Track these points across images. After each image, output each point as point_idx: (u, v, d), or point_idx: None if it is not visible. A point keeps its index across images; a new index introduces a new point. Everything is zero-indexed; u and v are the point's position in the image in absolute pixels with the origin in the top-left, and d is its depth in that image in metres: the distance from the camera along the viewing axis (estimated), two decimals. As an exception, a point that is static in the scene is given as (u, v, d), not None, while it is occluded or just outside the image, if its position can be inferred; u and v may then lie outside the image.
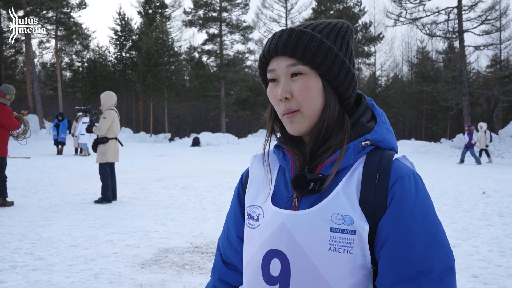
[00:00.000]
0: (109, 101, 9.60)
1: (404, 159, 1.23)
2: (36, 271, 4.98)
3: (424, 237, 1.12)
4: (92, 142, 9.62)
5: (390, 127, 1.30)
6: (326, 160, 1.22)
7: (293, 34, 1.21)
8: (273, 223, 1.23)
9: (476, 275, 5.08)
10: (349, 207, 1.16)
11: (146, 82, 42.57)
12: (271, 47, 1.23)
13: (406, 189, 1.15)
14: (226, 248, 1.43)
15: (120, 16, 51.83)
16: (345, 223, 1.14)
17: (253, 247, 1.28)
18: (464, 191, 11.61)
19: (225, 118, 47.27)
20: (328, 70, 1.20)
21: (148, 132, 46.01)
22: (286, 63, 1.21)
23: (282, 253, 1.20)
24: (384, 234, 1.14)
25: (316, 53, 1.19)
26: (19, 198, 9.55)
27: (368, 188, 1.17)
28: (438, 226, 1.15)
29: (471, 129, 22.08)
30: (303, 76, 1.20)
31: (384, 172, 1.18)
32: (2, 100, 8.82)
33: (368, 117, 1.29)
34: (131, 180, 12.98)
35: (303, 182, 1.19)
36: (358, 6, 47.33)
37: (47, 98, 49.98)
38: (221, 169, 16.74)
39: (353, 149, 1.21)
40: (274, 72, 1.23)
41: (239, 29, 48.39)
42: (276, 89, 1.24)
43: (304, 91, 1.20)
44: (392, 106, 46.23)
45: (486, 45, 37.34)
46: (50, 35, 43.36)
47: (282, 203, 1.26)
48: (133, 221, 7.68)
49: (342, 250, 1.14)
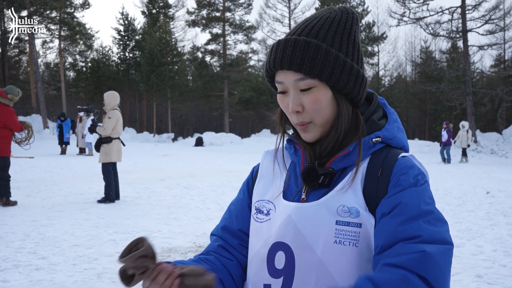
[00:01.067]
0: (113, 101, 9.60)
1: (412, 157, 1.22)
2: (39, 271, 4.98)
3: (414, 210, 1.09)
4: (95, 142, 9.61)
5: (401, 126, 1.30)
6: (337, 155, 1.22)
7: (298, 46, 1.17)
8: (281, 216, 1.23)
9: (481, 275, 5.06)
10: (354, 200, 1.16)
11: (150, 82, 42.61)
12: (276, 61, 1.20)
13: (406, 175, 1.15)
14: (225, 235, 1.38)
15: (123, 16, 51.91)
16: (351, 216, 1.14)
17: (259, 241, 1.27)
18: (468, 191, 11.58)
19: (228, 118, 47.25)
20: (338, 81, 1.18)
21: (151, 132, 46.08)
22: (293, 78, 1.19)
23: (287, 245, 1.20)
24: (378, 214, 1.13)
25: (324, 66, 1.17)
26: (23, 198, 9.56)
27: (371, 182, 1.17)
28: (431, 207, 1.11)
29: (449, 126, 22.04)
30: (313, 90, 1.19)
31: (388, 167, 1.18)
32: (4, 100, 8.82)
33: (379, 115, 1.29)
34: (134, 179, 12.98)
35: (313, 175, 1.19)
36: (361, 6, 47.27)
37: (51, 98, 50.09)
38: (224, 169, 16.75)
39: (364, 145, 1.21)
40: (283, 85, 1.22)
41: (242, 29, 48.37)
42: (286, 99, 1.23)
43: (315, 105, 1.19)
44: (396, 106, 46.15)
45: (490, 45, 37.26)
46: (53, 35, 43.50)
47: (291, 197, 1.26)
48: (136, 221, 7.68)
49: (347, 243, 1.14)
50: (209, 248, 1.37)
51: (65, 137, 23.06)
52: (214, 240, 1.40)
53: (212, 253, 1.35)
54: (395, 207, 1.10)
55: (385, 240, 1.08)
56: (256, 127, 52.03)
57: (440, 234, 1.07)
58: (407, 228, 1.06)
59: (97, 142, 9.52)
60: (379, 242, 1.09)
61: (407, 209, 1.09)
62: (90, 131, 9.77)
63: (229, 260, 1.33)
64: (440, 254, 1.04)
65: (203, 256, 1.33)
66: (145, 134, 40.58)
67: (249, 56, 51.56)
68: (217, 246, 1.36)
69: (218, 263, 1.31)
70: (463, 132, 22.52)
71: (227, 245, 1.36)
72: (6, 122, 8.75)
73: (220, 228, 1.39)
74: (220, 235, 1.38)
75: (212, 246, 1.37)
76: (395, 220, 1.08)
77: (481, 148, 30.01)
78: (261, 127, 47.72)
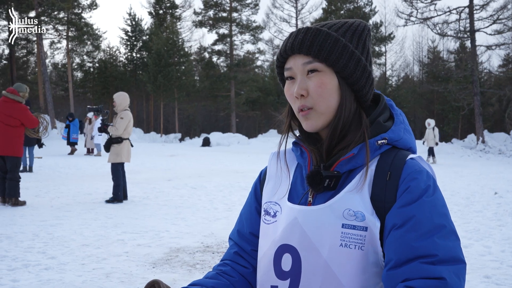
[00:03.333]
0: (124, 102, 9.64)
1: (420, 159, 1.22)
2: (48, 270, 5.01)
3: (429, 225, 1.10)
4: (105, 142, 9.62)
5: (408, 128, 1.30)
6: (342, 158, 1.22)
7: (309, 32, 1.22)
8: (286, 218, 1.24)
9: (489, 275, 5.05)
10: (361, 204, 1.16)
11: (157, 82, 42.68)
12: (287, 46, 1.24)
13: (417, 182, 1.14)
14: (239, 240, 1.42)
15: (130, 16, 52.00)
16: (356, 219, 1.15)
17: (267, 242, 1.29)
18: (476, 191, 11.54)
19: (235, 118, 47.27)
20: (344, 67, 1.20)
21: (158, 132, 46.15)
22: (302, 61, 1.22)
23: (293, 248, 1.21)
24: (389, 223, 1.14)
25: (332, 51, 1.19)
26: (31, 198, 9.61)
27: (379, 186, 1.17)
28: (445, 220, 1.13)
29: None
30: (319, 73, 1.21)
31: (396, 171, 1.18)
32: (18, 98, 8.87)
33: (386, 117, 1.29)
34: (142, 180, 13.03)
35: (318, 178, 1.20)
36: (368, 6, 47.17)
37: (59, 99, 50.26)
38: (231, 169, 16.77)
39: (369, 147, 1.21)
40: (291, 70, 1.24)
41: (249, 29, 48.35)
42: (292, 87, 1.25)
43: (319, 88, 1.20)
44: (403, 106, 45.99)
45: (498, 45, 37.03)
46: (61, 35, 43.61)
47: (298, 200, 1.27)
48: (144, 221, 7.71)
49: (353, 247, 1.14)
50: (226, 256, 1.42)
51: (72, 137, 23.10)
52: (230, 246, 1.44)
53: (228, 262, 1.39)
54: (408, 220, 1.11)
55: (400, 256, 1.09)
56: (263, 127, 52.02)
57: (455, 251, 1.09)
58: (423, 245, 1.08)
59: (107, 142, 9.55)
60: (393, 257, 1.10)
61: (422, 224, 1.10)
62: (99, 131, 9.79)
63: (245, 269, 1.37)
64: (457, 277, 1.07)
65: (220, 269, 1.38)
66: (152, 134, 40.69)
67: (256, 56, 51.58)
68: (233, 254, 1.41)
69: (235, 273, 1.36)
70: (429, 130, 21.56)
71: (242, 251, 1.40)
72: (22, 119, 8.81)
73: (236, 232, 1.44)
74: (235, 240, 1.43)
75: (228, 254, 1.42)
76: (410, 235, 1.09)
77: (489, 149, 29.88)
78: (268, 127, 47.67)
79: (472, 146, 31.50)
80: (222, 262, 1.41)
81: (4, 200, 8.82)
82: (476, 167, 19.58)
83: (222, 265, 1.39)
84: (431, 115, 51.81)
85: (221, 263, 1.40)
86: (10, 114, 8.75)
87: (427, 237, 1.08)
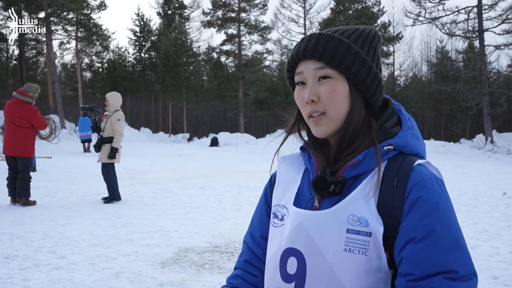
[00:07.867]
0: (118, 102, 9.61)
1: (428, 164, 1.23)
2: (58, 270, 5.07)
3: (449, 240, 1.11)
4: (96, 142, 9.52)
5: (417, 133, 1.30)
6: (348, 163, 1.23)
7: (322, 38, 1.23)
8: (292, 222, 1.26)
9: (497, 276, 5.05)
10: (366, 209, 1.17)
11: (165, 82, 42.77)
12: (299, 51, 1.25)
13: (429, 191, 1.15)
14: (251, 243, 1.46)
15: (139, 17, 52.17)
16: (361, 225, 1.16)
17: (274, 245, 1.31)
18: (484, 192, 11.50)
19: (243, 118, 47.29)
20: (356, 74, 1.21)
21: (167, 132, 46.27)
22: (314, 66, 1.23)
23: (299, 251, 1.23)
24: (406, 235, 1.14)
25: (344, 57, 1.21)
26: (41, 198, 9.69)
27: (386, 192, 1.18)
28: (460, 233, 1.15)
29: None
30: (331, 80, 1.22)
31: (403, 177, 1.18)
32: (27, 99, 8.93)
33: (393, 122, 1.29)
34: (150, 180, 13.08)
35: (323, 184, 1.21)
36: (377, 6, 47.01)
37: (68, 99, 50.47)
38: (240, 169, 16.79)
39: (375, 153, 1.21)
40: (302, 75, 1.25)
41: (258, 29, 48.36)
42: (303, 92, 1.26)
43: (331, 94, 1.21)
44: (411, 106, 45.86)
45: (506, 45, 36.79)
46: (70, 36, 43.77)
47: (304, 203, 1.29)
48: (153, 221, 7.76)
49: (357, 252, 1.15)
50: (237, 264, 1.48)
51: (81, 135, 23.04)
52: (242, 251, 1.49)
53: (239, 273, 1.45)
54: (429, 234, 1.12)
55: (422, 271, 1.10)
56: (271, 127, 52.03)
57: (470, 265, 1.12)
58: (444, 261, 1.10)
59: (98, 142, 9.48)
60: (414, 271, 1.11)
61: (442, 239, 1.11)
62: (92, 130, 9.65)
63: (255, 277, 1.42)
64: None
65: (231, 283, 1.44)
66: (161, 135, 40.79)
67: (264, 56, 51.52)
68: (243, 262, 1.46)
69: (246, 285, 1.42)
70: None
71: (252, 257, 1.44)
72: (32, 120, 8.87)
73: (249, 234, 1.48)
74: (248, 243, 1.47)
75: (239, 262, 1.48)
76: (432, 250, 1.11)
77: (498, 149, 29.72)
78: (276, 127, 47.65)
79: (480, 146, 31.34)
80: (233, 273, 1.46)
81: (15, 200, 8.90)
82: (485, 167, 19.48)
83: (234, 278, 1.44)
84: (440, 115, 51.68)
85: (233, 275, 1.45)
86: (20, 116, 8.82)
87: (448, 253, 1.10)
